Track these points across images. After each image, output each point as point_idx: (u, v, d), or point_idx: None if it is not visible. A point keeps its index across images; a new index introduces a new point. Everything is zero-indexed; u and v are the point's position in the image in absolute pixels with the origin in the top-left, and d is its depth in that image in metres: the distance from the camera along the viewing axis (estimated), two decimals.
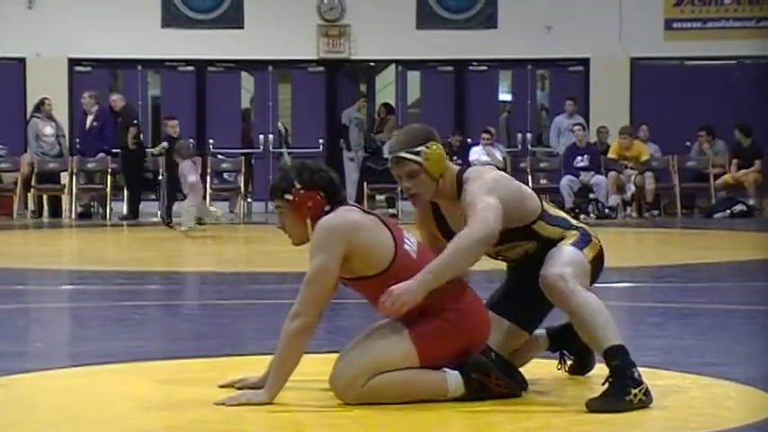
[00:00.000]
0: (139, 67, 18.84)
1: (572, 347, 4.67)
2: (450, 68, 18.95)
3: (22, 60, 18.36)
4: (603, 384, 4.16)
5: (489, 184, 4.25)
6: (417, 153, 4.25)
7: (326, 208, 4.20)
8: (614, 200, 17.02)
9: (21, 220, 16.69)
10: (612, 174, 17.00)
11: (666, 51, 18.55)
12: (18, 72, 18.38)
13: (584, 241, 4.40)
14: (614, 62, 18.48)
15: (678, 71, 18.64)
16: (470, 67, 18.96)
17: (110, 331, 6.35)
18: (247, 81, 19.29)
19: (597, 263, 4.42)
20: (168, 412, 4.09)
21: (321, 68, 18.81)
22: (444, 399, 4.15)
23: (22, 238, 14.65)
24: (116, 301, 7.86)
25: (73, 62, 18.49)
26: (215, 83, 18.83)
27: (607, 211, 16.85)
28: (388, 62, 19.37)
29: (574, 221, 4.52)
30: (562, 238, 4.39)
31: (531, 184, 17.11)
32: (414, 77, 19.31)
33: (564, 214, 4.52)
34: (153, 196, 17.28)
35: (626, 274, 9.52)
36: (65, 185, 17.13)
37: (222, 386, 4.27)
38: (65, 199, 17.15)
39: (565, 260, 4.30)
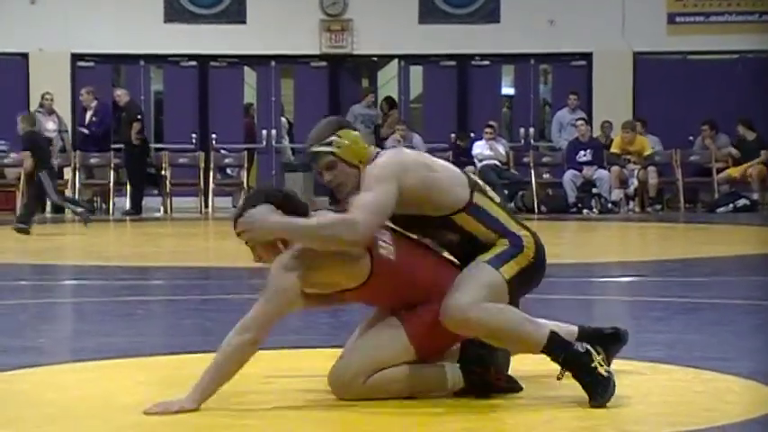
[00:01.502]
0: (142, 62, 18.83)
1: None
2: (452, 63, 18.94)
3: (24, 55, 18.36)
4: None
5: (393, 168, 4.05)
6: (329, 143, 4.14)
7: None
8: (617, 194, 17.01)
9: None
10: (615, 168, 16.98)
11: (669, 46, 18.53)
12: (21, 67, 18.39)
13: (508, 255, 4.12)
14: (617, 56, 18.47)
15: (681, 65, 18.62)
16: (473, 62, 18.95)
17: (112, 326, 6.36)
18: (250, 76, 19.28)
19: (524, 276, 4.14)
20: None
21: (324, 63, 18.80)
22: (444, 392, 4.15)
23: (25, 234, 14.63)
24: (119, 296, 7.86)
25: (75, 57, 18.49)
26: (218, 78, 18.82)
27: (610, 205, 16.84)
28: (391, 57, 19.36)
29: (512, 226, 4.20)
30: (492, 245, 4.14)
31: (533, 179, 17.19)
32: (416, 72, 19.30)
33: (504, 215, 4.21)
34: (156, 191, 17.29)
35: (629, 268, 9.52)
36: (68, 180, 17.14)
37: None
38: (68, 194, 17.15)
39: (467, 286, 4.05)
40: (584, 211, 16.80)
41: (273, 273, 4.04)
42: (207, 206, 17.12)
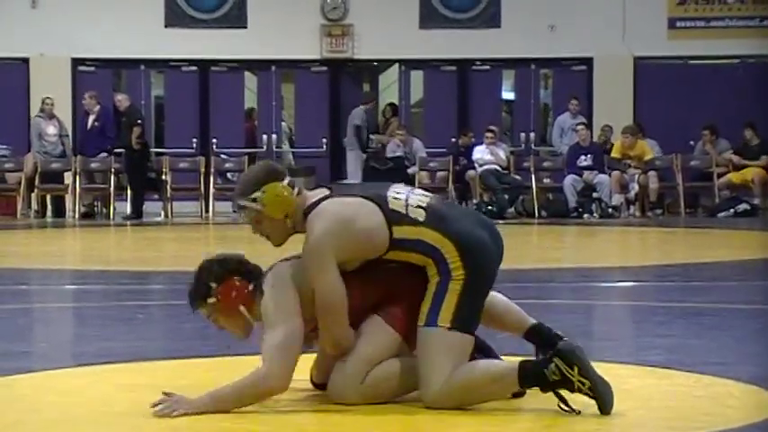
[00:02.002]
0: (143, 67, 18.85)
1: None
2: (453, 68, 18.95)
3: (25, 60, 18.38)
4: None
5: (326, 251, 4.03)
6: (254, 200, 4.14)
7: (251, 287, 4.17)
8: (617, 199, 17.01)
9: (24, 220, 16.70)
10: (616, 173, 16.98)
11: (670, 50, 18.54)
12: (22, 72, 18.40)
13: (441, 293, 4.08)
14: (618, 61, 18.47)
15: (682, 70, 18.63)
16: (474, 67, 18.96)
17: (113, 331, 6.36)
18: (251, 81, 19.29)
19: (466, 296, 4.08)
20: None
21: (324, 68, 18.81)
22: None
23: (26, 238, 14.66)
24: (119, 300, 7.86)
25: (76, 62, 18.50)
26: (218, 82, 18.83)
27: (610, 210, 16.83)
28: (392, 62, 19.37)
29: (433, 239, 4.11)
30: (423, 266, 4.12)
31: (534, 184, 17.19)
32: (417, 77, 19.31)
33: (423, 230, 4.12)
34: (157, 196, 17.30)
35: (629, 273, 9.52)
36: (68, 185, 17.14)
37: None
38: (68, 199, 17.17)
39: (425, 373, 4.05)
40: (585, 215, 16.80)
41: (275, 320, 4.04)
42: (207, 211, 17.12)
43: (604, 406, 3.99)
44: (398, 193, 4.22)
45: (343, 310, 4.08)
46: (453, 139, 18.02)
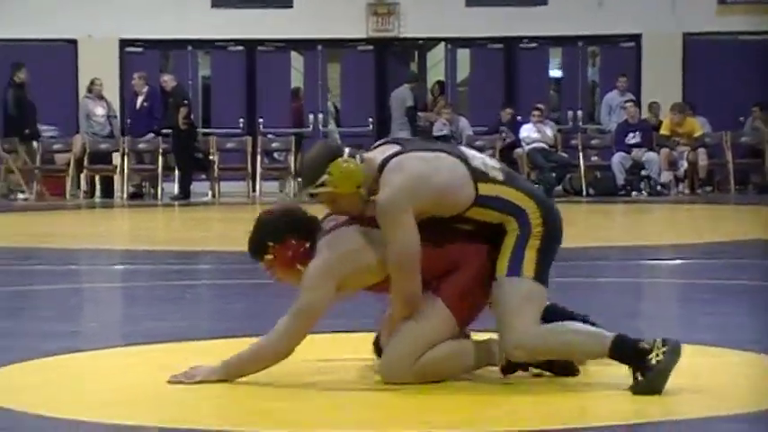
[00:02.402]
0: (190, 48, 18.90)
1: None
2: (500, 46, 18.85)
3: (73, 42, 18.49)
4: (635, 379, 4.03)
5: (404, 199, 4.00)
6: (323, 184, 4.11)
7: (307, 245, 4.18)
8: (666, 176, 16.89)
9: (73, 201, 16.84)
10: (665, 150, 16.85)
11: (719, 26, 18.34)
12: (70, 53, 18.52)
13: (520, 249, 4.09)
14: (666, 38, 18.30)
15: (731, 46, 18.42)
16: (520, 45, 18.85)
17: (161, 311, 6.39)
18: (297, 60, 19.30)
19: (544, 254, 4.11)
20: (218, 391, 4.11)
21: (370, 47, 18.78)
22: (495, 367, 4.13)
23: (75, 219, 14.78)
24: (167, 280, 7.90)
25: (124, 43, 18.59)
26: (265, 62, 18.86)
27: (659, 187, 16.72)
28: (438, 40, 19.30)
29: (517, 198, 4.11)
30: (500, 224, 4.11)
31: (582, 162, 17.09)
32: (463, 55, 19.23)
33: (507, 190, 4.13)
34: (204, 176, 17.37)
35: (678, 251, 9.45)
36: (116, 166, 17.26)
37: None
38: (117, 179, 17.28)
39: (509, 318, 4.03)
40: (633, 193, 16.69)
41: (306, 285, 4.10)
42: (254, 190, 17.17)
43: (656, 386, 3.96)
44: (473, 153, 4.23)
45: (417, 266, 4.06)
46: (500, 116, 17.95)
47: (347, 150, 4.18)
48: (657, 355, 3.99)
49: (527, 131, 17.17)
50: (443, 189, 4.08)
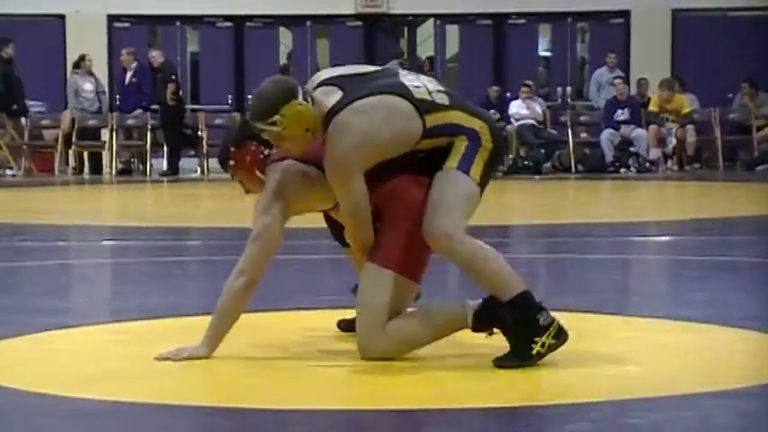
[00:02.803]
0: (178, 23, 18.85)
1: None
2: (489, 22, 18.83)
3: (61, 17, 18.42)
4: (490, 335, 4.07)
5: (351, 158, 4.01)
6: (274, 123, 4.08)
7: (266, 152, 4.28)
8: (655, 153, 16.90)
9: (62, 177, 16.81)
10: (653, 127, 16.87)
11: (709, 2, 18.34)
12: (58, 29, 18.45)
13: (471, 154, 4.10)
14: (655, 14, 18.30)
15: (720, 22, 18.42)
16: (509, 21, 18.83)
17: (150, 287, 6.39)
18: (285, 36, 19.25)
19: (489, 168, 4.14)
20: (207, 367, 4.12)
21: (359, 23, 18.74)
22: (467, 329, 4.12)
23: (63, 195, 14.75)
24: (157, 256, 7.90)
25: (112, 18, 18.52)
26: (253, 38, 18.81)
27: (648, 164, 16.74)
28: (427, 16, 19.26)
29: (466, 121, 4.12)
30: (451, 144, 4.12)
31: (571, 138, 17.10)
32: (452, 31, 19.21)
33: (455, 114, 4.12)
34: (193, 152, 17.34)
35: (667, 227, 9.47)
36: (105, 142, 17.22)
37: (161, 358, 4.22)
38: (105, 155, 17.25)
39: (449, 204, 4.04)
40: (622, 170, 16.71)
41: (256, 215, 4.22)
42: None
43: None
44: (415, 82, 4.19)
45: (368, 216, 4.12)
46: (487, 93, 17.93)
47: (300, 91, 4.14)
48: (544, 345, 4.00)
49: (516, 108, 17.16)
50: (389, 140, 4.08)
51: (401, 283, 4.13)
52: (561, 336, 4.05)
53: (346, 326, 4.60)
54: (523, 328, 4.02)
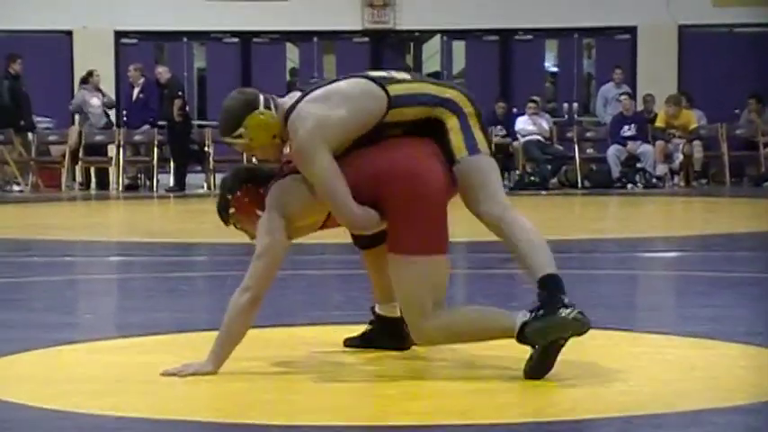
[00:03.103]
0: (185, 39, 18.89)
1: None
2: (495, 38, 18.86)
3: (69, 33, 18.47)
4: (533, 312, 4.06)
5: (315, 140, 4.09)
6: (239, 136, 4.23)
7: (261, 191, 4.32)
8: (662, 169, 16.90)
9: (69, 192, 16.83)
10: (660, 143, 16.87)
11: (714, 19, 18.35)
12: (65, 45, 18.50)
13: (466, 128, 4.19)
14: (662, 30, 18.32)
15: (726, 39, 18.44)
16: (516, 37, 18.85)
17: (157, 302, 6.40)
18: (292, 52, 19.29)
19: (484, 130, 4.26)
20: (215, 383, 4.12)
21: (366, 39, 18.77)
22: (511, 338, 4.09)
23: (70, 210, 14.77)
24: (163, 272, 7.91)
25: (119, 34, 18.57)
26: (260, 54, 18.85)
27: (654, 180, 16.74)
28: (434, 32, 19.30)
29: (440, 92, 4.21)
30: (431, 117, 4.18)
31: (577, 154, 17.11)
32: (459, 47, 19.23)
33: (425, 86, 4.24)
34: (199, 168, 17.36)
35: (673, 243, 9.46)
36: (112, 158, 17.25)
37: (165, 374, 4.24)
38: (112, 171, 17.27)
39: (488, 185, 4.18)
40: (629, 186, 16.71)
41: (260, 232, 4.24)
42: None
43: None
44: (378, 72, 4.32)
45: (345, 192, 4.12)
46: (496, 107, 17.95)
47: (262, 99, 4.25)
48: (570, 314, 3.99)
49: (522, 124, 17.17)
50: (349, 117, 4.14)
51: (432, 263, 4.13)
52: (585, 317, 4.02)
53: (352, 343, 4.60)
54: (550, 303, 4.03)
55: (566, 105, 18.96)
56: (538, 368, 4.04)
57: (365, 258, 4.54)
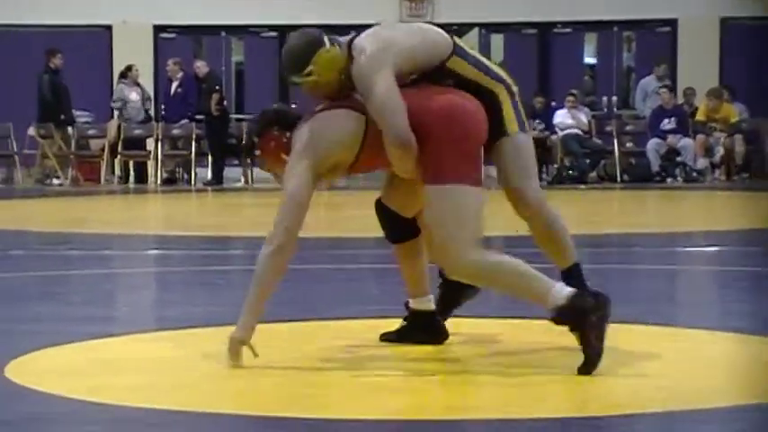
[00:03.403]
0: (223, 34, 18.93)
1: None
2: (534, 31, 18.77)
3: (108, 28, 18.55)
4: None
5: (372, 58, 4.14)
6: (309, 74, 4.26)
7: (288, 135, 4.31)
8: (702, 163, 16.77)
9: (108, 186, 16.91)
10: (700, 136, 16.74)
11: (756, 11, 18.18)
12: (105, 39, 18.58)
13: (515, 105, 4.36)
14: (703, 23, 18.17)
15: None
16: (555, 30, 18.76)
17: (194, 296, 6.40)
18: None
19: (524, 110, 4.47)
20: (251, 376, 4.11)
21: None
22: (545, 305, 4.02)
23: (109, 204, 14.85)
24: (200, 265, 7.92)
25: (158, 29, 18.64)
26: None
27: (695, 174, 16.61)
28: (472, 25, 19.23)
29: (488, 62, 4.38)
30: (493, 92, 4.29)
31: (616, 148, 17.00)
32: (497, 40, 19.16)
33: (482, 58, 4.38)
34: (237, 162, 17.40)
35: (714, 238, 9.38)
36: (150, 152, 17.31)
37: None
38: (150, 165, 17.34)
39: (530, 168, 4.37)
40: (668, 180, 16.59)
41: (285, 179, 4.24)
42: None
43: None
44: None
45: (399, 103, 4.11)
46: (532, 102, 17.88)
47: (326, 39, 4.31)
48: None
49: (561, 117, 17.09)
50: (415, 44, 4.23)
51: (469, 192, 4.10)
52: (600, 297, 4.02)
53: (388, 338, 4.58)
54: (580, 285, 4.19)
55: (605, 99, 18.85)
56: (589, 358, 3.96)
57: (397, 253, 4.52)
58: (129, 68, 17.47)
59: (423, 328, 4.52)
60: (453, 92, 4.23)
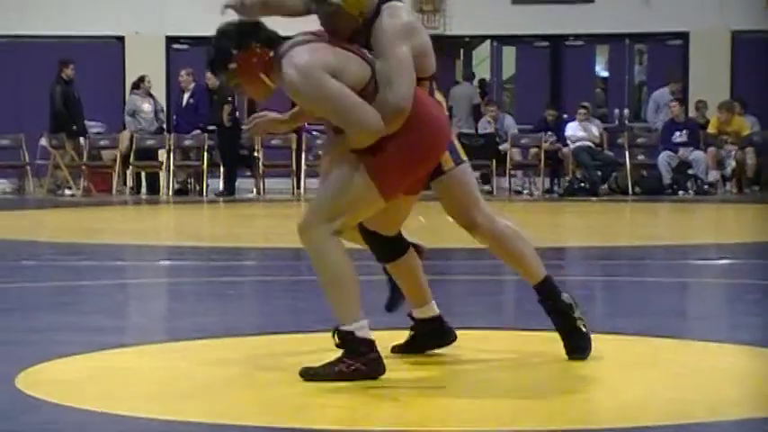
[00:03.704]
0: None
1: None
2: (546, 44, 18.78)
3: (120, 39, 18.61)
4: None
5: (405, 26, 4.20)
6: None
7: (270, 54, 4.18)
8: (714, 175, 16.76)
9: (119, 197, 16.95)
10: (712, 149, 16.72)
11: None
12: (117, 50, 18.64)
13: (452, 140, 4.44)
14: (714, 36, 18.16)
15: None
16: (566, 42, 18.77)
17: (206, 306, 6.41)
18: None
19: None
20: (263, 387, 4.11)
21: None
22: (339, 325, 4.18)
23: (121, 215, 14.87)
24: (212, 276, 7.93)
25: (170, 40, 18.68)
26: None
27: (706, 187, 16.59)
28: (484, 38, 19.25)
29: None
30: None
31: (628, 160, 17.00)
32: (509, 53, 19.17)
33: None
34: (249, 173, 17.42)
35: (725, 250, 9.37)
36: (162, 162, 17.35)
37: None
38: (162, 175, 17.38)
39: (473, 196, 4.40)
40: (680, 192, 16.58)
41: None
42: (299, 187, 17.21)
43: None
44: None
45: (414, 81, 4.23)
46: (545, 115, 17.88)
47: None
48: (581, 319, 4.29)
49: (573, 130, 17.09)
50: (423, 46, 4.34)
51: (368, 187, 4.08)
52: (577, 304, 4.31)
53: (399, 350, 4.59)
54: (564, 316, 4.29)
55: (616, 111, 18.84)
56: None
57: (391, 271, 4.54)
58: (141, 79, 17.52)
59: (432, 334, 4.55)
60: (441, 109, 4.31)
